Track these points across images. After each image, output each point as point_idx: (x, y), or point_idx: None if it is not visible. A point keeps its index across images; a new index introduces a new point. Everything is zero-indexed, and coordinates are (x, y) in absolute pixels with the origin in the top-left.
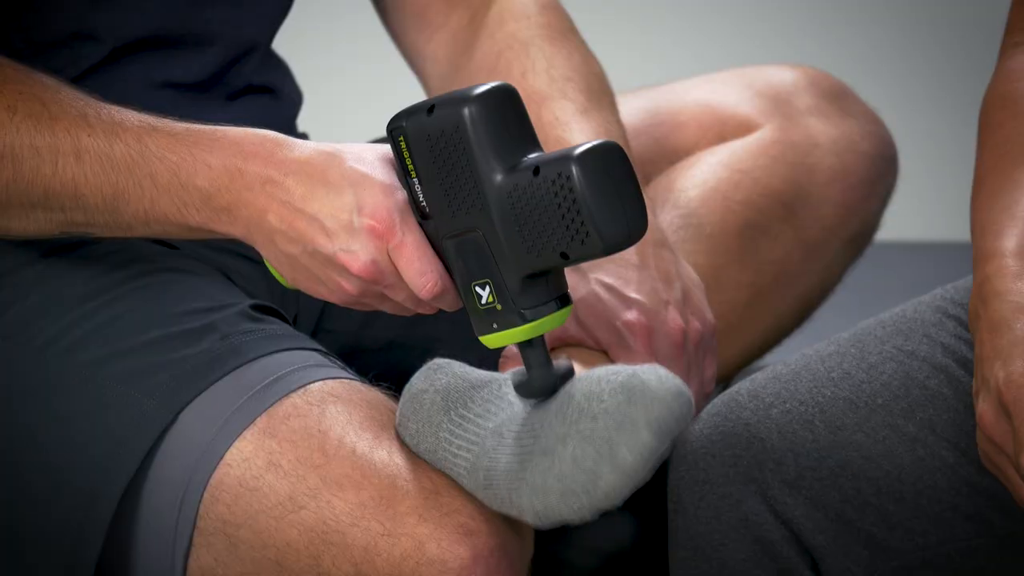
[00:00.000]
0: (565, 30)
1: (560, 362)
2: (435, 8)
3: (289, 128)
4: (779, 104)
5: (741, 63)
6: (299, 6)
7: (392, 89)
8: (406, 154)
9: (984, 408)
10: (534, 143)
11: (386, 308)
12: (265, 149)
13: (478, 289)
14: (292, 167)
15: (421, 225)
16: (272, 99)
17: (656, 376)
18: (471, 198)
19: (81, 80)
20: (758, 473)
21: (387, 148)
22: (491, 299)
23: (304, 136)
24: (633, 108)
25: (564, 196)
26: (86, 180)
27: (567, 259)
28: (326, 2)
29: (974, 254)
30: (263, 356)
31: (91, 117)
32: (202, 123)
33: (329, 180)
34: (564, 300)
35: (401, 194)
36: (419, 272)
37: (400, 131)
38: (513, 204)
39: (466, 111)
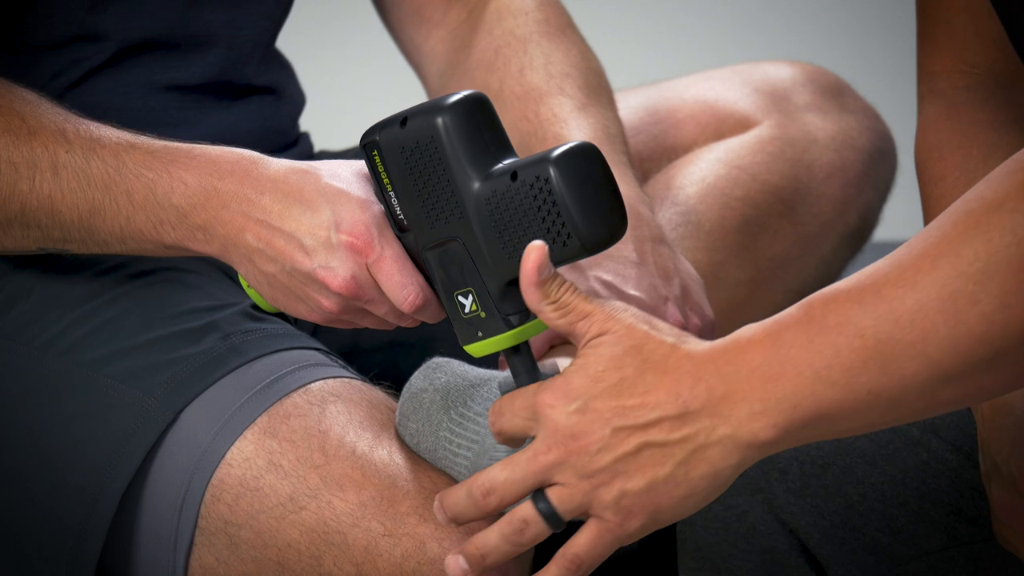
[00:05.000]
0: (563, 26)
1: (547, 368)
2: (433, 5)
3: (292, 128)
4: (777, 100)
5: (739, 60)
6: (299, 5)
7: (392, 87)
8: (380, 168)
9: (999, 495)
10: (508, 149)
11: (368, 324)
12: (241, 168)
13: (461, 298)
14: (268, 185)
15: (400, 238)
16: (275, 99)
17: None
18: (449, 208)
19: (83, 82)
20: (764, 483)
21: (363, 163)
22: (474, 307)
23: (306, 135)
24: (631, 106)
25: (543, 199)
26: (63, 196)
27: None
28: (326, 1)
29: None
30: (264, 355)
31: (70, 133)
32: (202, 125)
33: (305, 197)
34: None
35: (378, 208)
36: (400, 285)
37: (373, 145)
38: (492, 211)
39: (439, 121)
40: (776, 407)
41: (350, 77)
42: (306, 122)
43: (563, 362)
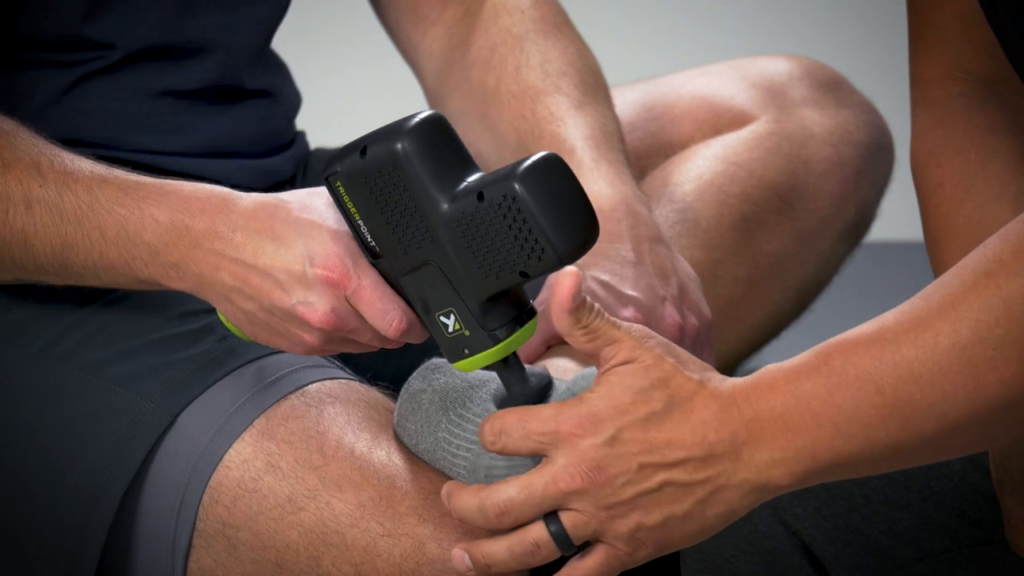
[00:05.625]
0: (559, 23)
1: (537, 374)
2: (429, 3)
3: (288, 129)
4: (774, 95)
5: (736, 54)
6: (297, 5)
7: (387, 84)
8: (346, 198)
9: (1012, 503)
10: (471, 164)
11: (351, 350)
12: (212, 205)
13: (443, 319)
14: (239, 222)
15: (374, 265)
16: (271, 101)
17: None
18: (420, 232)
19: (77, 87)
20: None
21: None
22: (458, 326)
23: (301, 134)
24: (628, 101)
25: (513, 217)
26: (36, 231)
27: (527, 277)
28: (324, 1)
29: None
30: (261, 357)
31: (44, 167)
32: (199, 130)
33: (276, 233)
34: (530, 313)
35: (350, 238)
36: (382, 312)
37: (335, 176)
38: (463, 232)
39: (399, 147)
40: (796, 457)
41: (345, 74)
42: (302, 120)
43: (560, 363)
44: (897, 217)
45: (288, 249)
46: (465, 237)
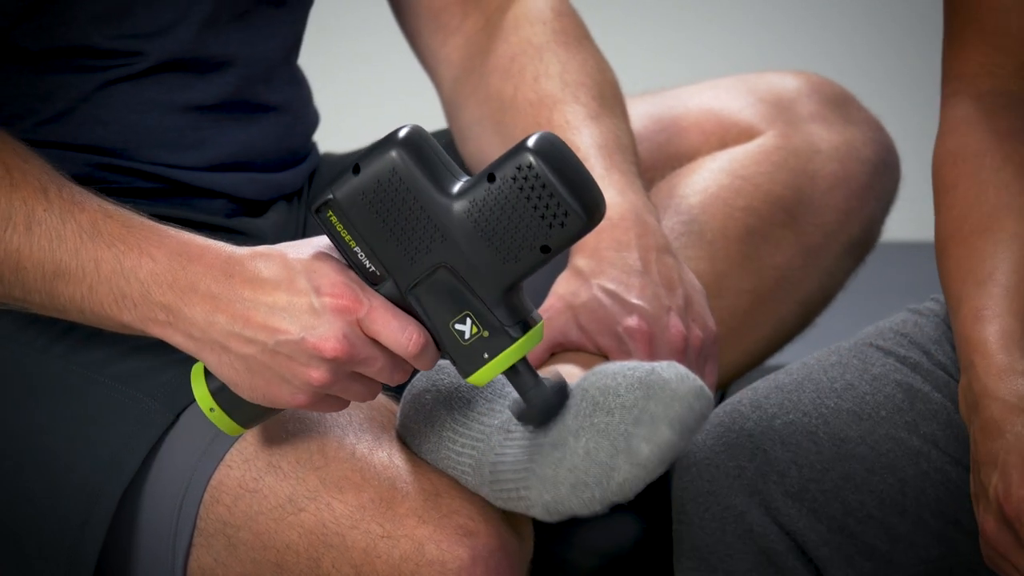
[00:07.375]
0: (580, 37)
1: (549, 378)
2: (450, 12)
3: (306, 145)
4: (781, 110)
5: (744, 69)
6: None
7: (391, 89)
8: (339, 227)
9: (986, 519)
10: (456, 169)
11: (352, 394)
12: (209, 251)
13: (458, 326)
14: (236, 268)
15: (376, 291)
16: (290, 118)
17: (676, 373)
18: (428, 235)
19: (95, 94)
20: (762, 484)
21: (318, 239)
22: (475, 329)
23: (315, 147)
24: (636, 113)
25: (531, 186)
26: (31, 252)
27: (548, 252)
28: (335, 10)
29: (955, 329)
30: None
31: (51, 193)
32: (218, 145)
33: (275, 274)
34: (535, 318)
35: (350, 269)
36: (399, 329)
37: (327, 205)
38: (476, 221)
39: (395, 154)
40: None
41: (349, 79)
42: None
43: (565, 368)
44: (897, 219)
45: (290, 286)
46: (479, 225)
